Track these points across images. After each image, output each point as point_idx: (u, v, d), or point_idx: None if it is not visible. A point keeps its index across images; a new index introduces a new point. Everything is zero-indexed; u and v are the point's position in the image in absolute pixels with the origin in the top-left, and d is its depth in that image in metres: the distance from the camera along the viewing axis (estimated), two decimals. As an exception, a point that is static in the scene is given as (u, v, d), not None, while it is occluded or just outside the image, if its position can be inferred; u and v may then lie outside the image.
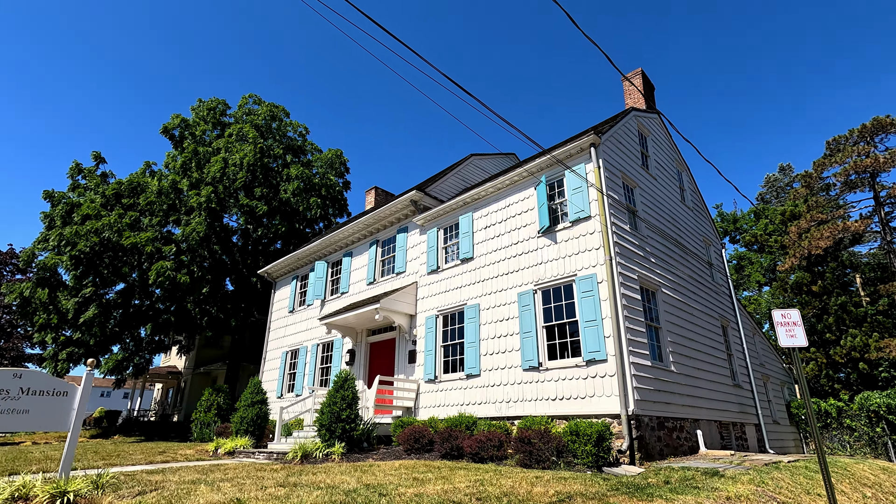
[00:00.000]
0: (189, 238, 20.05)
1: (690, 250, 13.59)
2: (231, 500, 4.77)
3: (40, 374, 5.38)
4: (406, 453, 9.65)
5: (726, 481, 6.36)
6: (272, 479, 6.52)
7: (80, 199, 20.85)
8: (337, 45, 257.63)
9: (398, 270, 14.54)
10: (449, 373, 11.99)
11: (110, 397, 50.68)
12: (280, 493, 5.11)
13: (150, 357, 25.65)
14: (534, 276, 10.76)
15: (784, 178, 32.69)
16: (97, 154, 22.69)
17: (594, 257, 9.75)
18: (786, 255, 22.77)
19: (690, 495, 5.41)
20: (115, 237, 18.17)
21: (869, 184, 21.37)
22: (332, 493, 5.14)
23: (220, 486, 5.78)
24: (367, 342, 14.96)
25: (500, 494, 5.13)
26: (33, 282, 18.82)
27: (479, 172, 17.54)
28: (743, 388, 13.58)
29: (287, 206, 23.67)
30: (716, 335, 13.15)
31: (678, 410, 9.93)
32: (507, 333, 10.86)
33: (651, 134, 13.62)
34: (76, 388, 5.58)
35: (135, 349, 23.52)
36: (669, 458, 8.99)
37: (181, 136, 25.09)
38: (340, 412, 9.73)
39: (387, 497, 4.89)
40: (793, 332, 6.14)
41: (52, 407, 5.35)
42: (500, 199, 12.27)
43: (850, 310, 20.57)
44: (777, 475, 7.19)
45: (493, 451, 8.49)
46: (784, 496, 6.27)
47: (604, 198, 9.94)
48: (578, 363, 9.35)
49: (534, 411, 9.72)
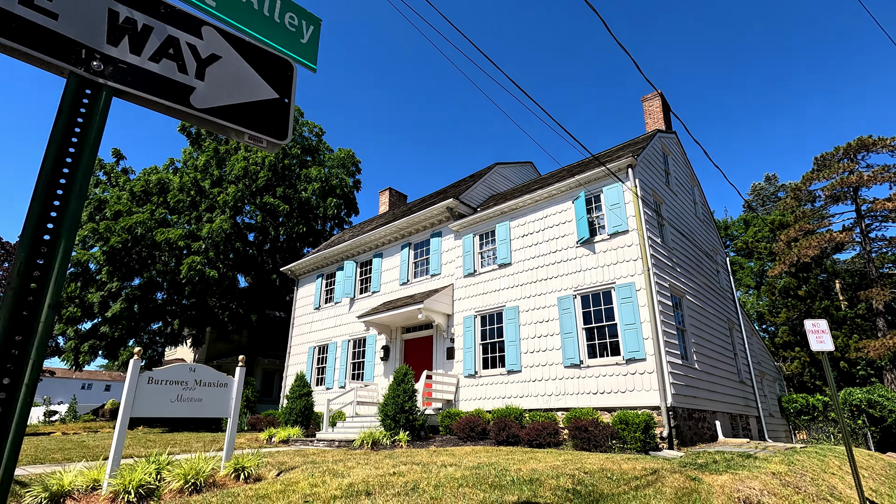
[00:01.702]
0: (214, 235, 20.66)
1: (704, 259, 14.96)
2: (387, 472, 5.78)
3: (207, 369, 6.28)
4: (462, 440, 10.74)
5: (763, 462, 7.63)
6: (374, 460, 7.52)
7: (105, 194, 21.20)
8: (337, 34, 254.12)
9: (433, 272, 15.55)
10: (488, 368, 13.10)
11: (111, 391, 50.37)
12: (415, 469, 6.14)
13: (162, 350, 26.19)
14: (573, 282, 11.93)
15: (770, 186, 34.77)
16: (117, 150, 23.01)
17: (632, 267, 10.95)
18: (774, 261, 24.58)
19: (744, 470, 6.64)
20: (146, 233, 18.70)
21: (851, 197, 23.26)
22: (458, 468, 6.19)
23: (342, 465, 6.76)
24: (401, 339, 15.95)
25: (596, 470, 6.26)
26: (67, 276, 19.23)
27: (502, 180, 18.63)
28: (746, 384, 15.06)
29: (307, 206, 24.38)
30: (725, 336, 14.58)
31: (701, 403, 11.26)
32: (548, 333, 12.01)
33: (671, 153, 14.92)
34: (233, 380, 6.49)
35: (148, 342, 24.05)
36: (698, 444, 10.30)
37: (198, 132, 25.51)
38: (404, 403, 10.76)
39: (509, 472, 5.97)
40: (822, 338, 7.42)
41: (217, 396, 6.26)
42: (538, 210, 13.39)
43: (833, 313, 22.47)
44: (798, 458, 8.52)
45: (549, 437, 9.64)
46: (810, 473, 7.58)
47: (641, 214, 11.16)
48: (618, 361, 10.56)
49: (576, 403, 10.91)
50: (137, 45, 1.27)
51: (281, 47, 1.57)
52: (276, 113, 1.50)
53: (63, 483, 4.86)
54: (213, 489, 5.19)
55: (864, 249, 22.62)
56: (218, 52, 1.42)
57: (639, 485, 5.54)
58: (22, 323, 1.09)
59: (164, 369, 5.86)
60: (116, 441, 5.29)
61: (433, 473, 5.72)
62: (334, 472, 6.09)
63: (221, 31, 1.45)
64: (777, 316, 24.95)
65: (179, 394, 5.87)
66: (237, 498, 4.60)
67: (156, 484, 5.05)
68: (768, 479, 6.36)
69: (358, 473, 5.81)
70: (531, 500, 4.69)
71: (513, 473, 5.87)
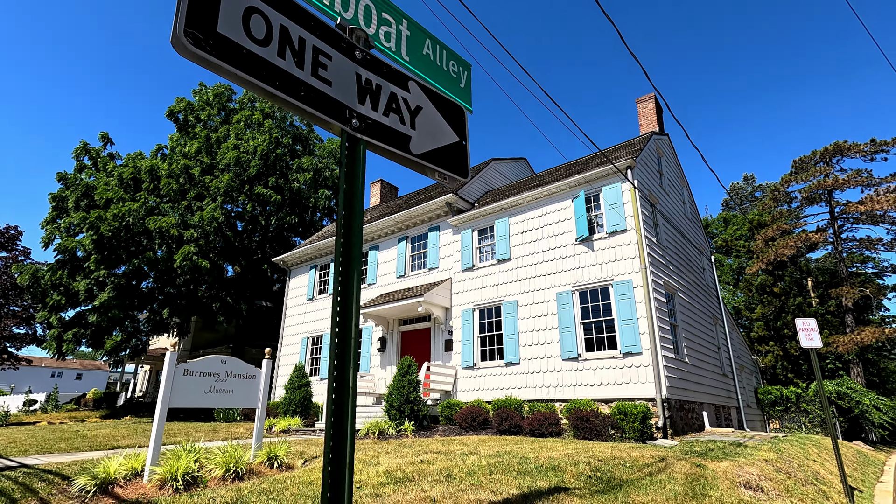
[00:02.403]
0: (206, 224, 20.43)
1: (693, 257, 15.60)
2: (414, 461, 6.07)
3: (237, 361, 6.44)
4: (465, 430, 11.10)
5: (753, 450, 8.20)
6: (391, 449, 7.80)
7: (92, 180, 20.72)
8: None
9: (431, 266, 15.81)
10: (486, 360, 13.48)
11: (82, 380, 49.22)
12: (439, 458, 6.45)
13: (147, 339, 25.84)
14: (572, 278, 12.35)
15: (747, 186, 36.05)
16: (105, 135, 22.45)
17: (630, 265, 11.42)
18: (752, 259, 25.64)
19: (741, 458, 7.15)
20: (137, 221, 18.42)
21: (826, 199, 24.37)
22: (479, 457, 6.52)
23: (363, 454, 7.03)
24: (398, 331, 16.19)
25: (608, 458, 6.67)
26: (52, 264, 18.78)
27: (498, 176, 18.93)
28: (728, 376, 15.83)
29: (299, 196, 24.25)
30: (711, 331, 15.27)
31: (691, 395, 11.87)
32: (546, 328, 12.43)
33: (664, 154, 15.44)
34: (261, 372, 6.67)
35: (133, 331, 23.71)
36: (689, 433, 10.89)
37: (185, 119, 25.03)
38: (409, 394, 11.05)
39: (529, 460, 6.33)
40: (811, 336, 7.97)
41: (246, 387, 6.43)
42: (537, 207, 13.74)
43: (805, 309, 23.63)
44: (783, 446, 9.14)
45: (550, 427, 10.07)
46: (796, 460, 8.18)
47: (639, 214, 11.61)
48: (615, 355, 11.05)
49: (574, 395, 11.37)
50: (375, 102, 1.48)
51: (450, 94, 1.79)
52: (458, 154, 1.73)
53: (109, 471, 5.00)
54: (254, 476, 5.40)
55: (836, 249, 23.79)
56: (420, 104, 1.63)
57: (651, 471, 5.96)
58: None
59: (198, 361, 6.00)
60: (156, 431, 5.44)
61: (459, 462, 6.03)
62: (361, 461, 6.35)
63: (420, 84, 1.67)
64: (753, 311, 26.09)
65: (212, 385, 6.02)
66: (285, 484, 4.83)
67: (198, 472, 5.23)
68: (763, 465, 6.89)
69: (387, 462, 6.08)
70: (560, 485, 5.05)
71: (533, 461, 6.23)
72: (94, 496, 4.78)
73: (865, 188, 23.15)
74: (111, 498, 4.77)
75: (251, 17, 1.23)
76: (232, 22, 1.18)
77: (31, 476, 5.78)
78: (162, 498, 4.52)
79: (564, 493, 4.71)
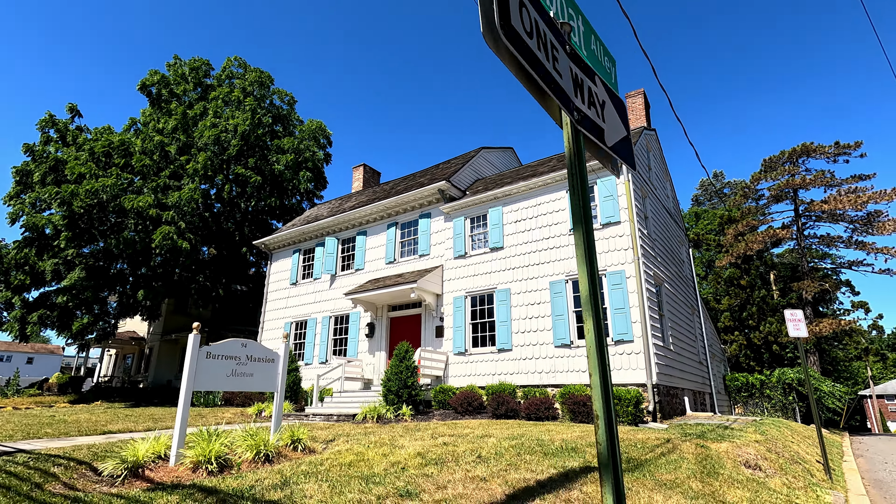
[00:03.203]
0: (183, 204, 19.74)
1: (675, 249, 16.20)
2: (438, 444, 6.19)
3: (257, 344, 6.36)
4: (460, 414, 11.30)
5: (741, 432, 8.71)
6: (401, 433, 7.90)
7: (60, 154, 19.62)
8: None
9: (421, 253, 15.83)
10: (478, 347, 13.69)
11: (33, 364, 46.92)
12: (458, 440, 6.59)
13: (115, 322, 24.91)
14: (565, 267, 12.65)
15: (717, 183, 37.52)
16: (73, 106, 21.24)
17: (623, 256, 11.78)
18: (721, 252, 26.85)
19: (736, 440, 7.60)
20: (112, 198, 17.63)
21: (791, 197, 25.67)
22: (496, 439, 6.70)
23: (376, 437, 7.10)
24: (387, 317, 16.20)
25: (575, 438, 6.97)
26: (19, 241, 17.77)
27: (487, 165, 19.03)
28: (703, 364, 16.62)
29: (280, 178, 23.70)
30: (689, 321, 15.96)
31: (675, 381, 12.43)
32: (539, 315, 12.72)
33: (652, 149, 15.88)
34: (279, 355, 6.61)
35: (99, 313, 22.82)
36: (675, 417, 11.44)
37: (158, 93, 23.95)
38: (406, 379, 11.14)
39: (545, 442, 6.55)
40: (798, 326, 8.49)
41: (266, 371, 6.38)
42: (531, 197, 13.94)
43: (769, 301, 24.97)
44: (764, 428, 9.75)
45: (546, 411, 10.39)
46: (780, 441, 8.76)
47: (633, 206, 11.97)
48: (608, 342, 11.42)
49: (566, 381, 11.73)
50: (582, 95, 1.53)
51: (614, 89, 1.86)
52: (627, 146, 1.81)
53: (138, 455, 4.91)
54: (283, 459, 5.40)
55: (800, 245, 25.18)
56: (604, 98, 1.69)
57: (662, 451, 6.28)
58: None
59: (219, 344, 5.90)
60: (181, 414, 5.35)
61: (481, 444, 6.19)
62: (381, 443, 6.42)
63: (601, 79, 1.72)
64: (720, 303, 27.40)
65: (234, 369, 5.95)
66: (324, 466, 4.86)
67: (228, 455, 5.19)
68: (756, 447, 7.35)
69: (411, 445, 6.17)
70: (585, 465, 5.27)
71: (549, 443, 6.45)
72: (124, 480, 4.69)
73: (828, 188, 24.52)
74: (143, 481, 4.69)
75: (521, 10, 1.25)
76: (516, 16, 1.21)
77: (40, 461, 5.59)
78: (203, 481, 4.47)
79: (596, 471, 4.92)
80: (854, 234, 24.75)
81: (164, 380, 26.99)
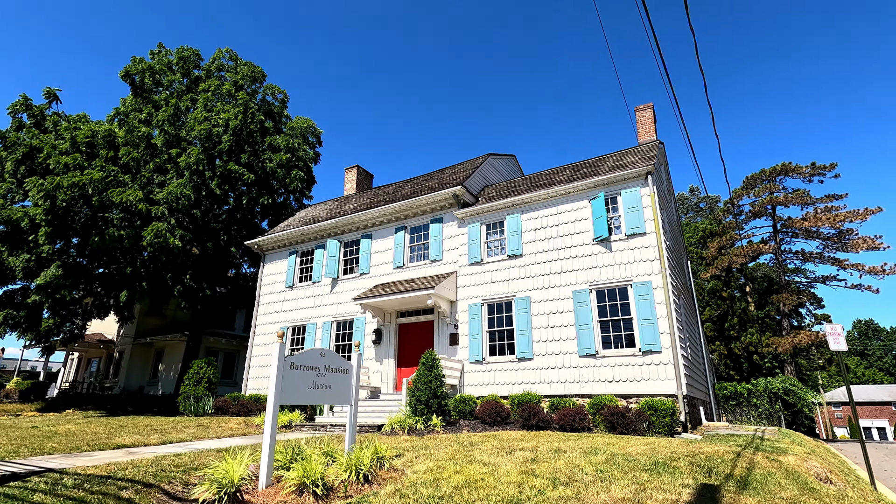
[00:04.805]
0: (172, 200, 18.64)
1: (682, 260, 16.55)
2: (523, 460, 5.92)
3: (334, 354, 5.94)
4: (488, 425, 11.03)
5: (778, 442, 8.85)
6: (462, 446, 7.56)
7: (36, 142, 18.15)
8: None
9: (433, 258, 15.51)
10: (496, 355, 13.48)
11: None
12: (544, 456, 6.34)
13: (84, 324, 23.29)
14: (588, 277, 12.64)
15: (693, 198, 38.95)
16: (50, 91, 19.77)
17: (650, 267, 11.88)
18: (702, 265, 27.85)
19: (793, 453, 7.69)
20: (98, 192, 16.44)
21: (770, 214, 26.91)
22: (571, 453, 6.49)
23: (443, 452, 6.77)
24: (396, 323, 15.76)
25: (688, 453, 6.89)
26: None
27: (493, 171, 18.92)
28: (705, 374, 17.01)
29: (273, 177, 22.83)
30: (695, 331, 16.31)
31: (694, 392, 12.61)
32: (562, 324, 12.64)
33: (663, 162, 16.20)
34: (352, 365, 6.20)
35: (67, 314, 21.29)
36: (699, 427, 11.56)
37: (142, 82, 22.64)
38: (436, 389, 10.79)
39: (619, 454, 6.40)
40: (838, 340, 8.72)
41: (341, 382, 5.96)
42: (552, 206, 13.90)
43: (749, 312, 26.03)
44: (796, 437, 9.98)
45: (580, 422, 10.27)
46: (819, 455, 8.95)
47: (658, 218, 12.10)
48: (634, 353, 11.46)
49: (591, 390, 11.67)
50: None
51: None
52: None
53: (233, 477, 4.42)
54: (380, 479, 5.01)
55: (777, 260, 26.40)
56: None
57: (744, 464, 6.24)
58: None
59: (301, 354, 5.46)
60: (269, 431, 4.87)
61: (567, 459, 5.97)
62: (463, 459, 6.10)
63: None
64: (702, 314, 28.33)
65: (314, 380, 5.51)
66: (437, 490, 4.52)
67: (325, 475, 4.77)
68: (814, 458, 7.46)
69: (493, 459, 5.88)
70: (699, 483, 5.14)
71: (637, 457, 6.30)
72: (223, 506, 4.20)
73: (805, 206, 25.82)
74: (247, 508, 4.21)
75: None
76: None
77: (94, 483, 4.96)
78: (324, 507, 4.05)
79: (717, 491, 4.80)
80: (825, 251, 26.15)
81: (136, 386, 25.35)
